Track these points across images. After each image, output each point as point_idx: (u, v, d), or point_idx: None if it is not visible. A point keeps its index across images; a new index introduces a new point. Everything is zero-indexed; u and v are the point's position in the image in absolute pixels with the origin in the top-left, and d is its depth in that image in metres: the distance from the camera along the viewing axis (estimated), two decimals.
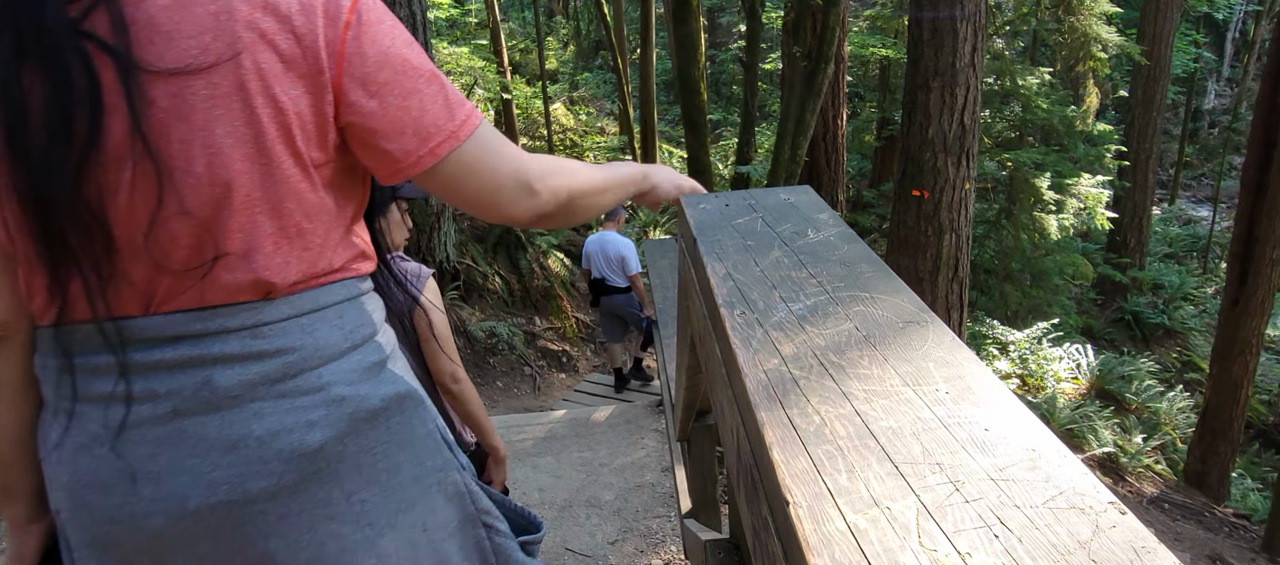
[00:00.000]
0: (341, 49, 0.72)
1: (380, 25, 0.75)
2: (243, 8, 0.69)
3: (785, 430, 0.53)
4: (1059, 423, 7.54)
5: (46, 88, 0.65)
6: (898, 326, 0.65)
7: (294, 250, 0.77)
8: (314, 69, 0.72)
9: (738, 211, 0.95)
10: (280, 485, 0.78)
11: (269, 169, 0.72)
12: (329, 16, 0.72)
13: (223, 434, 0.76)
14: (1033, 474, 0.47)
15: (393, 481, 0.84)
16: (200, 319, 0.76)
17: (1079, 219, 10.01)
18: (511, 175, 0.80)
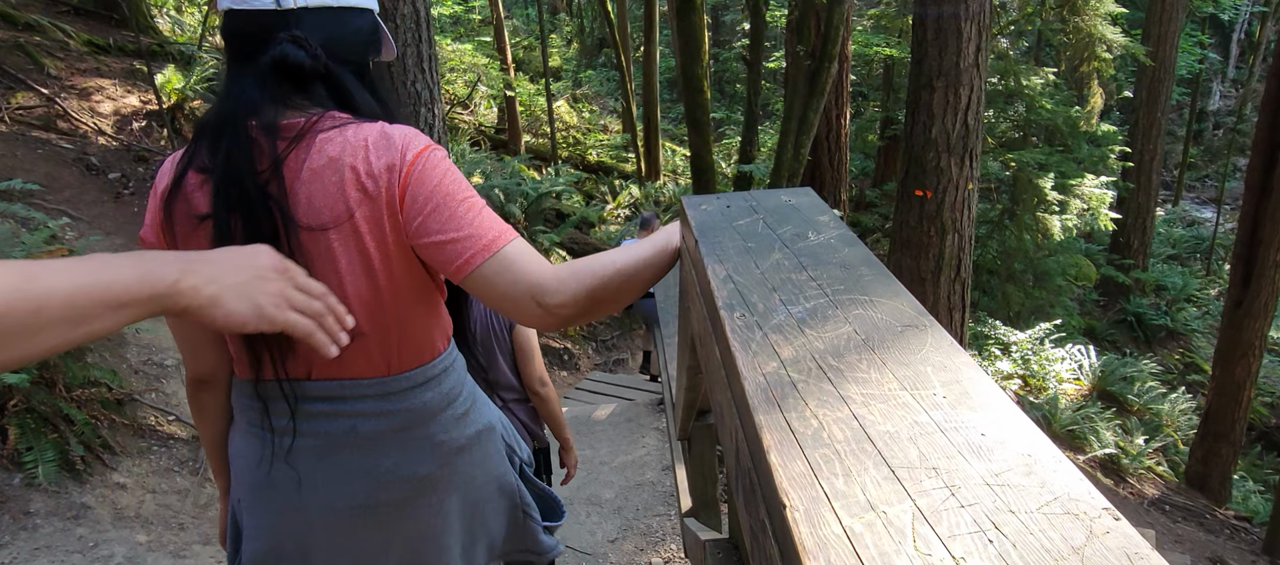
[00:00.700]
0: (402, 193, 1.01)
1: (429, 170, 1.02)
2: (350, 179, 1.00)
3: (783, 434, 0.53)
4: (1061, 424, 7.53)
5: (246, 230, 0.98)
6: (896, 330, 0.66)
7: (403, 339, 1.10)
8: (391, 212, 1.01)
9: (739, 213, 0.96)
10: (400, 497, 1.16)
11: (377, 285, 1.04)
12: (391, 172, 1.01)
13: (363, 464, 1.13)
14: (1028, 479, 0.48)
15: (470, 488, 1.25)
16: (343, 386, 1.10)
17: (1082, 220, 9.99)
18: (527, 291, 0.99)
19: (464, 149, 10.74)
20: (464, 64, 13.55)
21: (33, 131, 6.03)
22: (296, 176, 1.00)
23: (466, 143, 11.68)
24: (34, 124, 6.13)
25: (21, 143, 5.80)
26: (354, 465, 1.13)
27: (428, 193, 1.00)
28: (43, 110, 6.29)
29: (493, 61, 13.91)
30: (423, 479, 1.17)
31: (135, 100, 7.00)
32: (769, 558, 0.52)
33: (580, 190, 11.89)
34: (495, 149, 12.53)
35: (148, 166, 6.19)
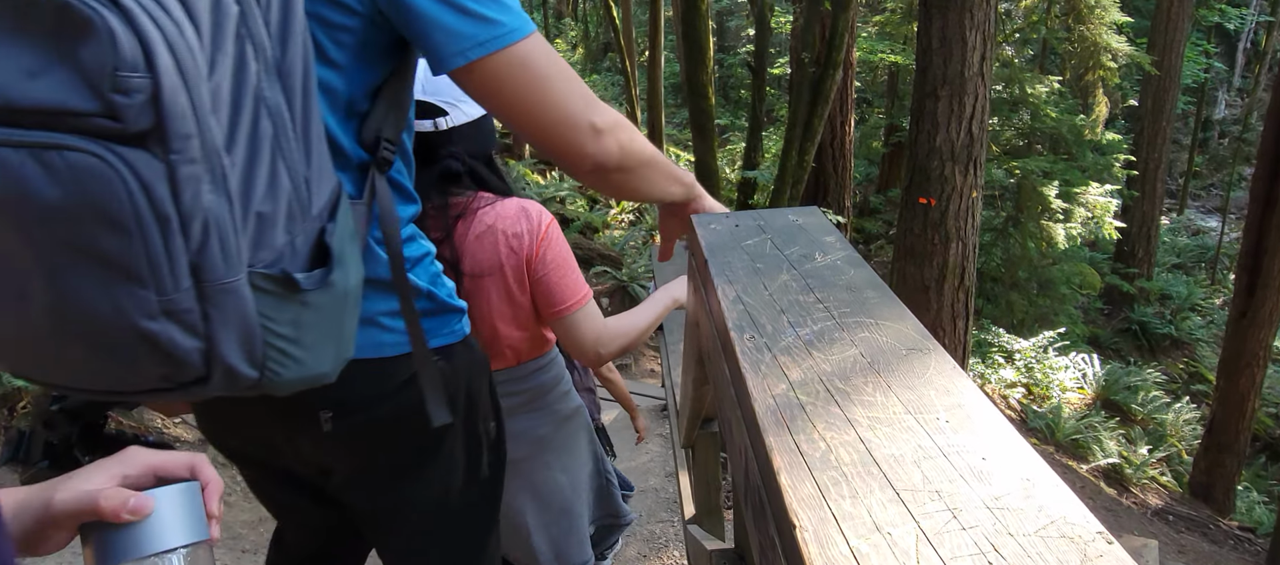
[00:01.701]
0: (537, 253, 1.42)
1: (553, 240, 1.44)
2: (501, 241, 1.39)
3: (792, 455, 0.55)
4: (1064, 433, 7.53)
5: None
6: (901, 353, 0.68)
7: (527, 343, 1.52)
8: (528, 265, 1.42)
9: (747, 233, 0.98)
10: (528, 454, 1.60)
11: (514, 311, 1.45)
12: (532, 238, 1.41)
13: (512, 430, 1.39)
14: (1027, 503, 0.50)
15: (570, 448, 1.69)
16: (500, 373, 1.47)
17: (1087, 228, 9.99)
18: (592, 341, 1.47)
19: None
20: None
21: None
22: (464, 239, 1.38)
23: None
24: None
25: None
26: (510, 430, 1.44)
27: (551, 257, 1.42)
28: None
29: None
30: (542, 438, 1.61)
31: None
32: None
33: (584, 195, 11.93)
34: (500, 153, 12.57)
35: None
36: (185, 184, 0.64)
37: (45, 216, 0.62)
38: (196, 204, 0.64)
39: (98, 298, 0.65)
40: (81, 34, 0.59)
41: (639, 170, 0.95)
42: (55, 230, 0.62)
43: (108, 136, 0.61)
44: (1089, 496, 6.32)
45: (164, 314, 0.66)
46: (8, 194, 0.61)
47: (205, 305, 0.67)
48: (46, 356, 0.72)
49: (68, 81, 0.60)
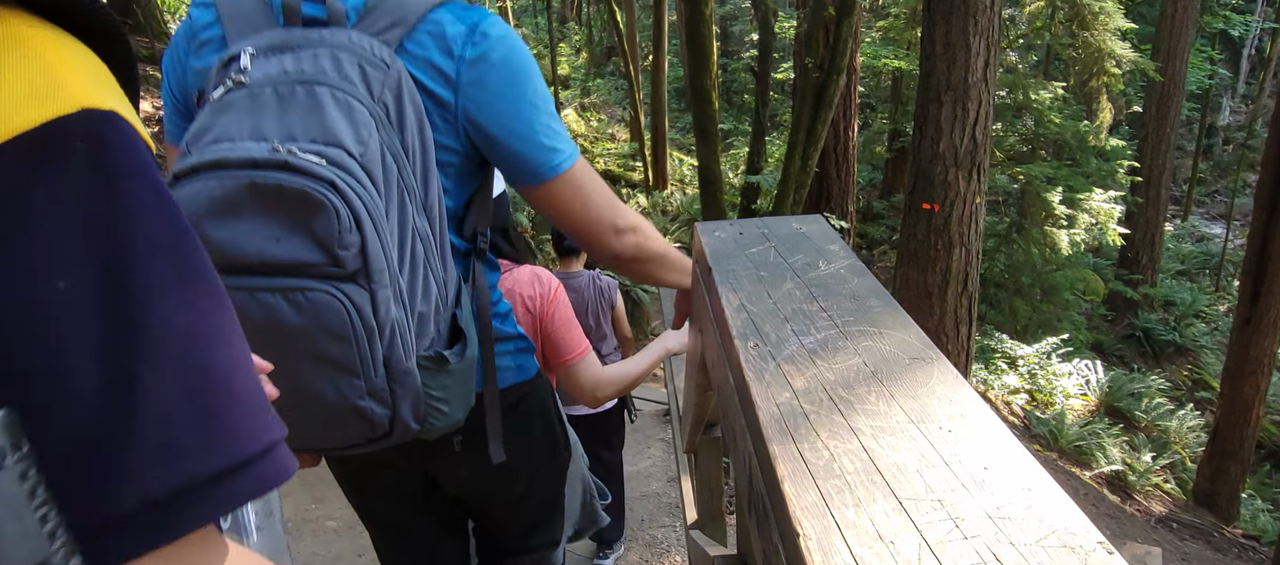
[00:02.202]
0: (549, 313, 1.72)
1: (561, 302, 1.76)
2: (519, 302, 1.73)
3: (796, 464, 0.56)
4: (1067, 439, 7.51)
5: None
6: (904, 363, 0.69)
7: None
8: (542, 322, 1.72)
9: (751, 240, 0.99)
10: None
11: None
12: (544, 300, 1.73)
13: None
14: (1028, 513, 0.50)
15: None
16: None
17: (1090, 234, 9.98)
18: (590, 387, 1.74)
19: None
20: None
21: None
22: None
23: None
24: None
25: None
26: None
27: (559, 316, 1.73)
28: None
29: None
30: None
31: (149, 106, 7.08)
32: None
33: None
34: None
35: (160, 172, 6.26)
36: (381, 304, 0.92)
37: (292, 336, 0.90)
38: (387, 316, 0.92)
39: (325, 387, 0.93)
40: (315, 212, 0.87)
41: (649, 263, 1.20)
42: (299, 345, 0.90)
43: (333, 278, 0.89)
44: (1092, 503, 6.30)
45: (368, 394, 0.94)
46: (266, 322, 0.89)
47: (392, 385, 0.95)
48: (290, 426, 0.93)
49: (305, 244, 0.88)
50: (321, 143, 0.89)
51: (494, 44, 1.01)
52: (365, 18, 0.98)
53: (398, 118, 0.95)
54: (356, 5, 0.99)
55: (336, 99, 0.90)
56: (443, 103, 1.01)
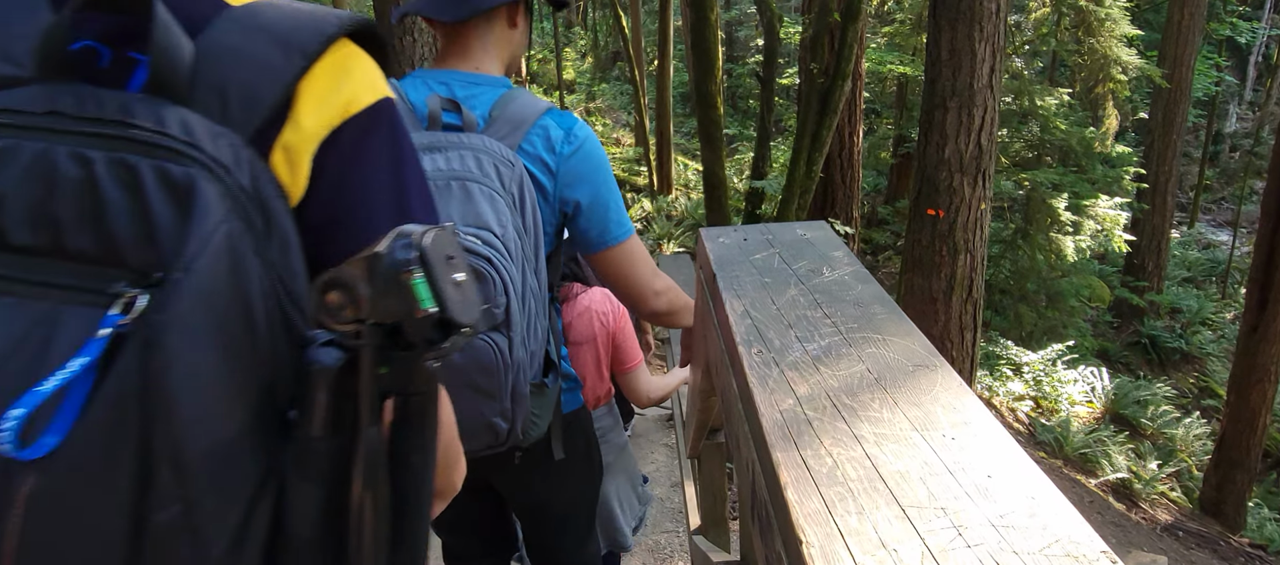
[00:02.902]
0: (618, 329, 2.19)
1: (625, 319, 2.20)
2: (595, 318, 2.13)
3: (799, 471, 0.56)
4: (1072, 446, 7.48)
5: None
6: (908, 370, 0.69)
7: (603, 393, 2.22)
8: (613, 335, 2.18)
9: (755, 247, 0.99)
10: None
11: (601, 371, 2.19)
12: (615, 317, 2.17)
13: None
14: (1031, 521, 0.50)
15: (621, 466, 2.37)
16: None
17: (1096, 241, 9.94)
18: (644, 395, 2.32)
19: None
20: None
21: None
22: (568, 317, 2.10)
23: None
24: None
25: None
26: None
27: (625, 330, 2.19)
28: None
29: None
30: (606, 463, 2.16)
31: None
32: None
33: None
34: None
35: None
36: (515, 347, 1.22)
37: (454, 370, 1.18)
38: (517, 355, 1.23)
39: (469, 408, 1.20)
40: (480, 281, 1.14)
41: (676, 314, 1.53)
42: (457, 376, 1.18)
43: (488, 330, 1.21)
44: (1097, 511, 6.27)
45: (499, 413, 1.25)
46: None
47: (515, 406, 1.26)
48: None
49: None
50: (474, 227, 1.18)
51: (583, 142, 1.37)
52: (491, 125, 1.31)
53: (521, 203, 1.24)
54: (483, 115, 1.32)
55: (482, 192, 1.20)
56: (544, 187, 1.35)
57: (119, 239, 0.51)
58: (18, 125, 0.52)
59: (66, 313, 0.50)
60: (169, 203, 0.51)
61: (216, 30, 0.59)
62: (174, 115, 0.53)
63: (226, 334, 0.51)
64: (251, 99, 0.57)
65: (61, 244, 0.51)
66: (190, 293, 0.49)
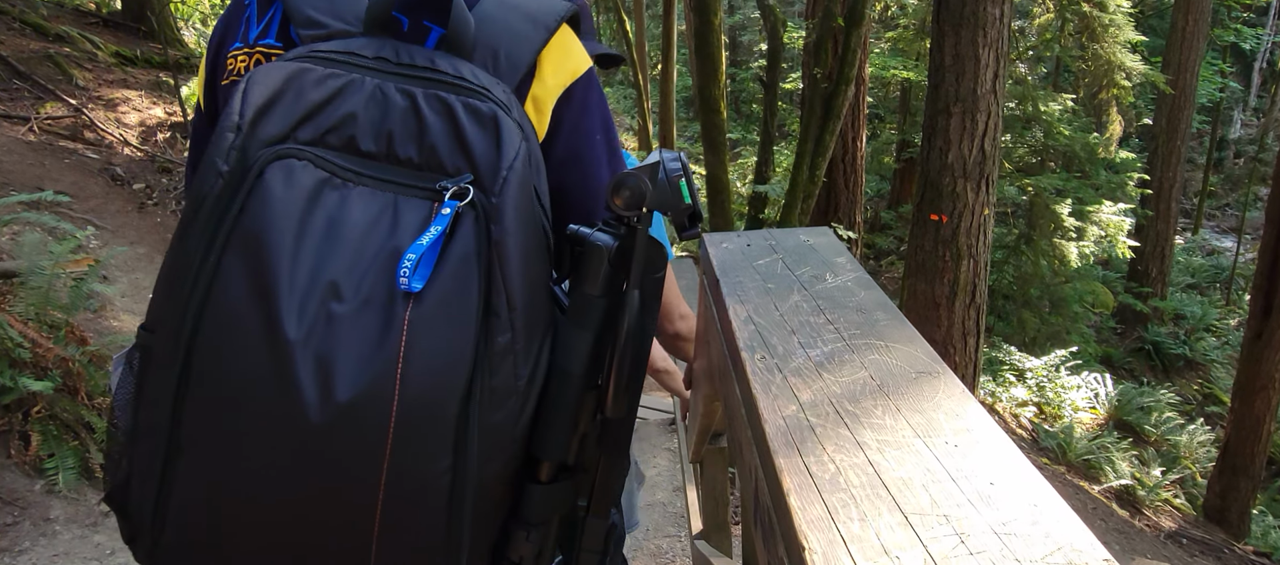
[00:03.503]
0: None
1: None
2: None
3: (802, 477, 0.56)
4: (1075, 453, 7.46)
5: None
6: (911, 376, 0.69)
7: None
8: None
9: (758, 252, 0.99)
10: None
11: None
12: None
13: None
14: (1034, 529, 0.50)
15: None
16: None
17: (1100, 246, 9.93)
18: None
19: None
20: None
21: (60, 141, 6.17)
22: None
23: None
24: (61, 134, 6.27)
25: (49, 152, 5.93)
26: None
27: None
28: (71, 120, 6.44)
29: None
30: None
31: (160, 112, 7.15)
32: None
33: None
34: None
35: (171, 177, 6.30)
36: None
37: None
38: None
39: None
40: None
41: (688, 343, 1.38)
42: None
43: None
44: (1101, 518, 6.25)
45: None
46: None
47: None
48: None
49: None
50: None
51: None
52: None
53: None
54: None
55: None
56: None
57: (439, 151, 0.72)
58: (357, 65, 0.74)
59: (401, 201, 0.71)
60: (479, 128, 0.72)
61: (487, 5, 0.82)
62: (465, 67, 0.75)
63: (529, 216, 0.73)
64: (514, 59, 0.80)
65: (393, 152, 0.72)
66: (513, 187, 0.70)
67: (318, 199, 0.69)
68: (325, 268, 0.67)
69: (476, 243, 0.69)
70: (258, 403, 0.66)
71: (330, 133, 0.72)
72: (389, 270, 0.67)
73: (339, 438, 0.65)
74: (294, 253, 0.67)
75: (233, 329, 0.67)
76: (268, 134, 0.70)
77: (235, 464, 0.67)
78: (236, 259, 0.67)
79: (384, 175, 0.72)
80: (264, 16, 0.85)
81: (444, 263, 0.68)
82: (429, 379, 0.67)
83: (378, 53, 0.74)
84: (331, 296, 0.66)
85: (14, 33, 7.24)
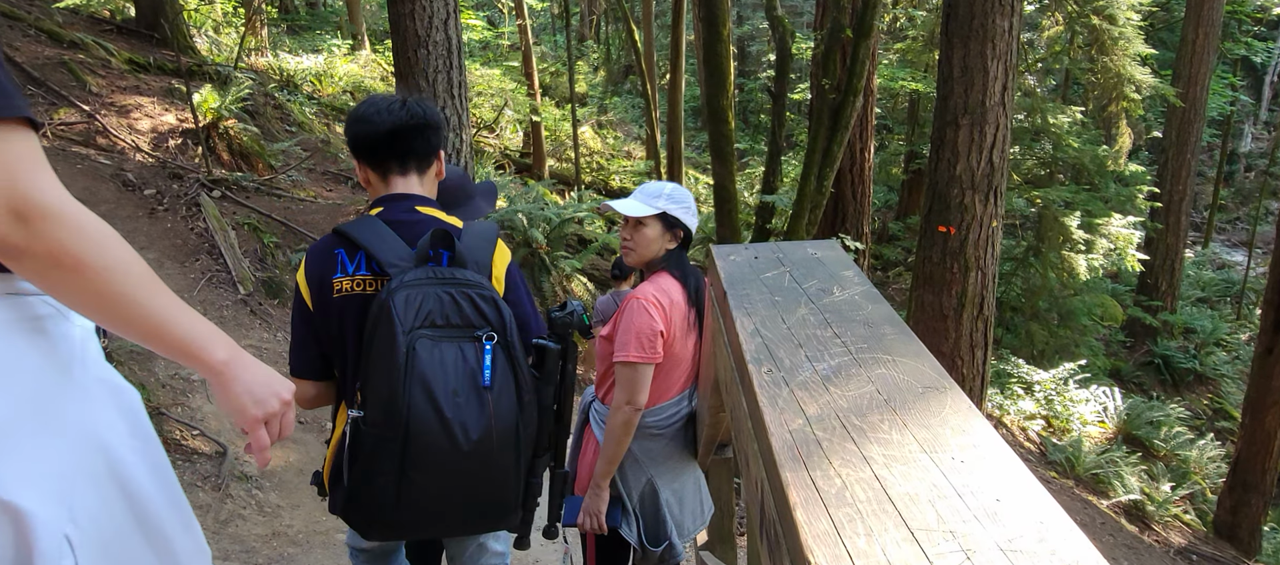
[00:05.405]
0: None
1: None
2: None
3: (808, 492, 0.56)
4: (1084, 467, 7.41)
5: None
6: (917, 391, 0.69)
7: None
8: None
9: (766, 265, 0.99)
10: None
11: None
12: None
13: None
14: (1040, 546, 0.50)
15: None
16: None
17: (1109, 259, 9.88)
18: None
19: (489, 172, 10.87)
20: (491, 88, 13.77)
21: (73, 147, 6.22)
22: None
23: (491, 166, 11.83)
24: (74, 140, 6.32)
25: (62, 158, 5.98)
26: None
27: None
28: (83, 126, 6.49)
29: (520, 86, 14.11)
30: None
31: (172, 118, 7.20)
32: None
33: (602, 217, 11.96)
34: (519, 173, 12.69)
35: (182, 183, 6.34)
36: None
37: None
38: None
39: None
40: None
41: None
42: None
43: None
44: (1109, 533, 6.20)
45: None
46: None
47: None
48: None
49: None
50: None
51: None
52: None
53: None
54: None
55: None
56: None
57: (473, 318, 1.49)
58: (421, 283, 1.47)
59: (463, 345, 1.47)
60: (487, 303, 1.49)
61: (465, 238, 1.56)
62: (466, 273, 1.50)
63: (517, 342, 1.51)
64: (482, 263, 1.56)
65: (451, 321, 1.47)
66: (512, 331, 1.50)
67: (435, 350, 1.44)
68: (450, 380, 1.43)
69: (507, 359, 1.49)
70: (439, 451, 1.43)
71: (427, 318, 1.45)
72: (474, 377, 1.45)
73: (474, 455, 1.45)
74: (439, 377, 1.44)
75: (422, 417, 1.41)
76: (408, 326, 1.43)
77: (435, 477, 1.45)
78: (416, 384, 1.41)
79: (451, 336, 1.46)
80: (355, 258, 1.56)
81: (496, 370, 1.47)
82: (503, 423, 1.48)
83: (428, 275, 1.48)
84: (456, 394, 1.43)
85: (29, 39, 7.32)
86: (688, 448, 2.09)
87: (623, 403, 1.95)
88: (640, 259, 2.05)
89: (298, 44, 12.37)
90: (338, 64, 11.63)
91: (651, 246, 2.02)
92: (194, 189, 6.21)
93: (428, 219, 1.58)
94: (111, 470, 0.95)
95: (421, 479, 1.42)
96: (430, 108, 1.62)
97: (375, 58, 12.88)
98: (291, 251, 6.15)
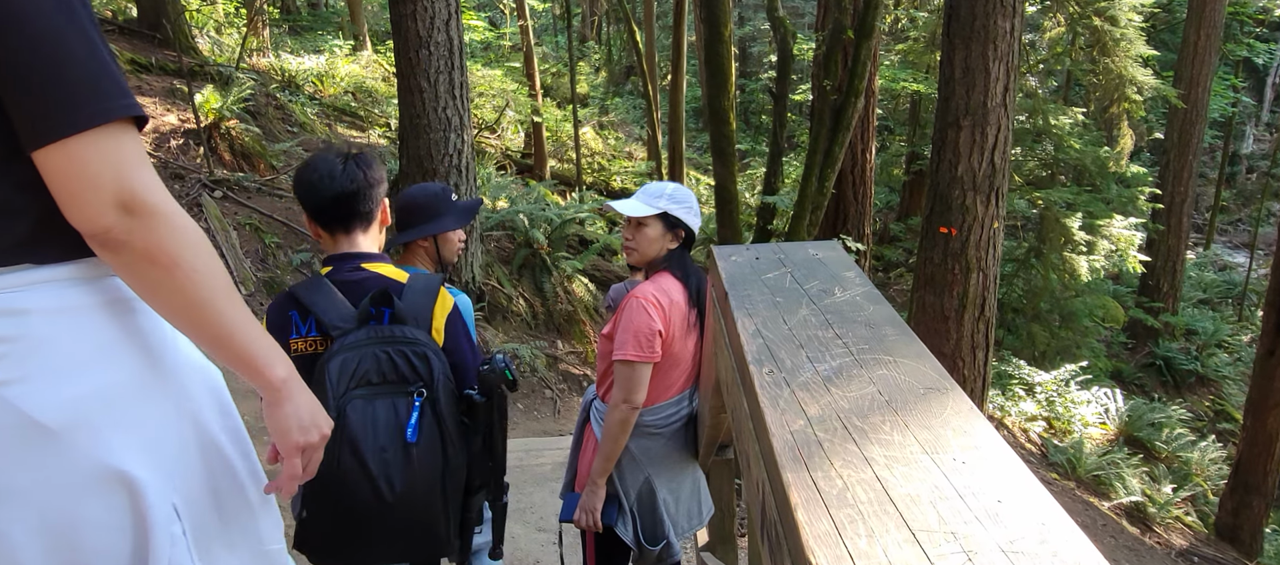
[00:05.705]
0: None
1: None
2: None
3: (810, 492, 0.56)
4: (1085, 468, 7.40)
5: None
6: (919, 392, 0.69)
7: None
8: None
9: (767, 266, 0.99)
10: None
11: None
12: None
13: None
14: (1042, 548, 0.50)
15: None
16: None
17: (1110, 261, 9.87)
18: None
19: (490, 173, 10.87)
20: (493, 89, 13.78)
21: None
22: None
23: (493, 167, 11.83)
24: None
25: None
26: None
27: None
28: None
29: (522, 87, 14.11)
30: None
31: (174, 118, 7.21)
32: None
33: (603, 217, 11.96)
34: (520, 173, 12.69)
35: (183, 183, 6.35)
36: None
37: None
38: None
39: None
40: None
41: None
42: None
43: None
44: (1111, 535, 6.19)
45: None
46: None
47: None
48: None
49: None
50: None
51: None
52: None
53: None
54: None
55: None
56: None
57: (407, 374, 1.60)
58: (361, 345, 1.58)
59: (396, 401, 1.58)
60: (422, 360, 1.60)
61: (406, 291, 1.65)
62: (406, 329, 1.60)
63: (449, 395, 1.63)
64: (422, 319, 1.64)
65: (387, 378, 1.59)
66: (441, 386, 1.61)
67: (368, 408, 1.56)
68: (379, 437, 1.55)
69: (434, 415, 1.60)
70: (365, 503, 1.56)
71: (362, 378, 1.57)
72: (401, 432, 1.56)
73: (399, 505, 1.57)
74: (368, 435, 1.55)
75: (349, 473, 1.54)
76: (340, 390, 1.55)
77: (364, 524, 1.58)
78: (344, 445, 1.53)
79: (386, 392, 1.58)
80: (306, 321, 1.67)
81: (422, 426, 1.57)
82: (427, 473, 1.60)
83: (368, 335, 1.59)
84: (383, 450, 1.54)
85: None
86: (687, 448, 2.09)
87: (620, 401, 1.96)
88: (642, 259, 2.06)
89: (299, 44, 12.39)
90: (339, 65, 11.64)
91: (653, 247, 2.02)
92: (196, 189, 6.22)
93: (372, 277, 1.69)
94: (201, 444, 1.00)
95: (353, 525, 1.58)
96: (371, 168, 1.71)
97: (377, 58, 12.89)
98: (293, 252, 6.15)
